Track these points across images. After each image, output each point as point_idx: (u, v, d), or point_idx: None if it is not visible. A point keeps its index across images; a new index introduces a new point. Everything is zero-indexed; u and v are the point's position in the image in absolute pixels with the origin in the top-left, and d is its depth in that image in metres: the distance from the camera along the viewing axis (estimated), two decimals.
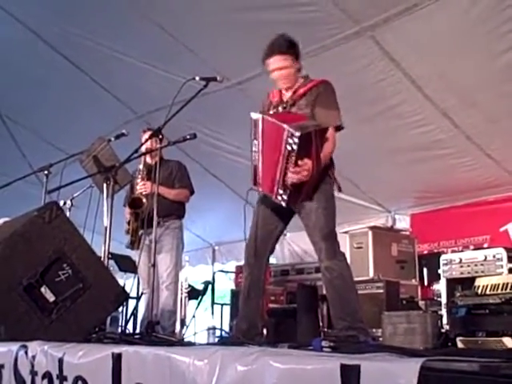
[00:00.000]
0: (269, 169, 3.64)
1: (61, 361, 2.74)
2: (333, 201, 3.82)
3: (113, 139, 5.22)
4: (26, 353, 3.02)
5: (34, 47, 6.91)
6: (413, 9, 4.88)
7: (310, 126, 3.57)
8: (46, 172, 5.56)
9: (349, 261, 5.73)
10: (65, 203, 5.81)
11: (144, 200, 5.23)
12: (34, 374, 2.91)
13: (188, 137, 4.99)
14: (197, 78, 4.31)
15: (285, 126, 3.47)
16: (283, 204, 3.59)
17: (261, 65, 3.99)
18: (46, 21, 6.55)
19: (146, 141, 5.23)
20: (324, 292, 5.53)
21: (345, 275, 3.72)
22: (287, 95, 3.94)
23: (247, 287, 3.87)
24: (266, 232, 3.88)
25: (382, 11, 5.01)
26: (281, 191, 3.58)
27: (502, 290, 3.42)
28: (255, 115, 3.74)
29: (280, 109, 3.89)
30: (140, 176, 5.43)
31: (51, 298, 3.57)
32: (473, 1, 4.69)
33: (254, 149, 3.75)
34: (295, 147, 3.44)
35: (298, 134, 3.41)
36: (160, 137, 4.93)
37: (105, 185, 4.68)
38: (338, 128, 3.80)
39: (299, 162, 3.49)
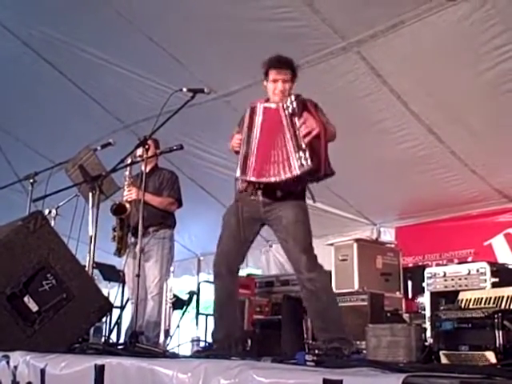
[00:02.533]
0: (270, 150, 3.62)
1: (43, 372, 2.73)
2: (308, 214, 3.81)
3: (99, 148, 5.22)
4: (8, 363, 3.00)
5: (20, 55, 6.88)
6: (399, 25, 4.92)
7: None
8: (31, 180, 5.55)
9: (333, 273, 5.83)
10: (50, 212, 5.78)
11: (128, 206, 5.20)
12: None
13: (175, 147, 5.00)
14: (184, 90, 4.32)
15: (280, 103, 3.65)
16: (308, 163, 3.51)
17: (246, 78, 4.03)
18: (34, 29, 6.53)
19: (133, 150, 5.23)
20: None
21: (328, 287, 3.82)
22: None
23: (221, 299, 3.86)
24: (237, 244, 3.87)
25: (369, 27, 5.06)
26: (300, 155, 3.52)
27: (485, 304, 3.44)
28: (252, 104, 3.79)
29: None
30: (126, 182, 5.41)
31: (34, 307, 3.55)
32: (458, 19, 4.74)
33: (244, 138, 3.73)
34: (294, 106, 3.58)
35: (292, 97, 3.63)
36: (146, 146, 4.95)
37: (90, 194, 4.68)
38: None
39: (303, 119, 3.58)
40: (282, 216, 3.71)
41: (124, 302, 6.69)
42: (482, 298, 3.50)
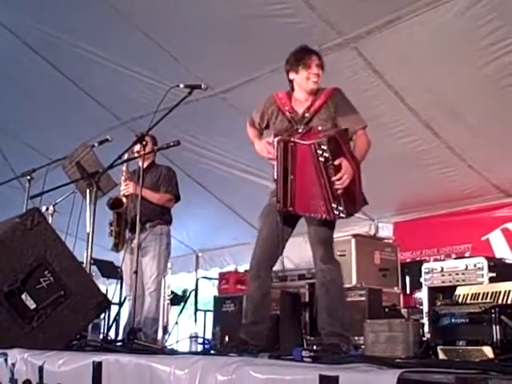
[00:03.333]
0: (307, 189, 3.60)
1: (41, 369, 2.73)
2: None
3: (96, 145, 5.22)
4: (6, 360, 3.00)
5: (18, 53, 6.88)
6: (396, 21, 4.92)
7: (332, 131, 3.64)
8: (28, 177, 5.54)
9: None
10: (47, 209, 5.77)
11: (124, 200, 5.20)
12: (13, 382, 2.90)
13: (172, 144, 5.00)
14: (181, 86, 4.32)
15: (309, 141, 3.49)
16: (343, 213, 3.54)
17: (243, 74, 4.02)
18: (31, 26, 6.52)
19: (131, 146, 5.23)
20: (307, 299, 5.59)
21: (338, 282, 3.83)
22: (303, 106, 3.88)
23: (259, 297, 3.91)
24: (273, 244, 3.89)
25: (365, 23, 5.05)
26: (334, 205, 3.53)
27: (482, 299, 3.45)
28: (284, 139, 3.66)
29: (298, 125, 3.79)
30: (123, 177, 5.40)
31: (32, 305, 3.55)
32: (455, 14, 4.74)
33: (279, 170, 3.67)
34: (327, 154, 3.45)
35: (324, 139, 3.44)
36: (144, 143, 4.95)
37: (88, 191, 4.68)
38: (364, 128, 3.86)
39: (336, 166, 3.49)
40: None
41: (122, 299, 6.69)
42: (479, 293, 3.51)
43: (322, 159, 3.46)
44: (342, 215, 3.55)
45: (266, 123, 4.02)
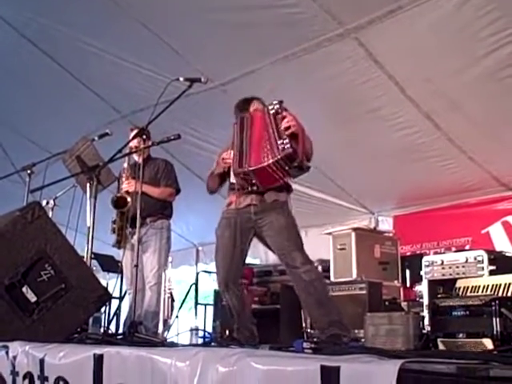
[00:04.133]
0: (259, 143, 3.94)
1: (42, 361, 2.73)
2: (294, 219, 4.14)
3: (96, 139, 5.21)
4: (7, 353, 3.01)
5: (15, 44, 6.85)
6: (397, 11, 4.90)
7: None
8: (28, 171, 5.54)
9: (332, 262, 5.85)
10: (48, 203, 5.78)
11: (128, 199, 5.20)
12: (15, 374, 2.90)
13: (172, 137, 4.99)
14: (181, 79, 4.31)
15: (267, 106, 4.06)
16: (289, 150, 3.82)
17: (243, 66, 4.22)
18: (30, 19, 6.50)
19: (131, 140, 5.22)
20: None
21: (321, 278, 4.10)
22: None
23: (236, 305, 4.14)
24: (234, 258, 4.12)
25: (367, 13, 5.02)
26: (280, 141, 3.85)
27: (482, 291, 3.46)
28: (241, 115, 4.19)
29: None
30: (125, 175, 5.40)
31: (33, 298, 3.56)
32: (456, 4, 4.72)
33: (236, 141, 4.07)
34: (277, 107, 3.94)
35: (275, 101, 3.98)
36: (144, 136, 4.94)
37: (88, 184, 4.67)
38: None
39: (284, 116, 3.93)
40: (273, 221, 4.01)
41: (123, 293, 6.70)
42: (479, 286, 3.52)
43: (272, 111, 3.95)
44: (287, 149, 3.83)
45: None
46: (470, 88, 5.48)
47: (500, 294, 3.31)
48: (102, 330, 5.59)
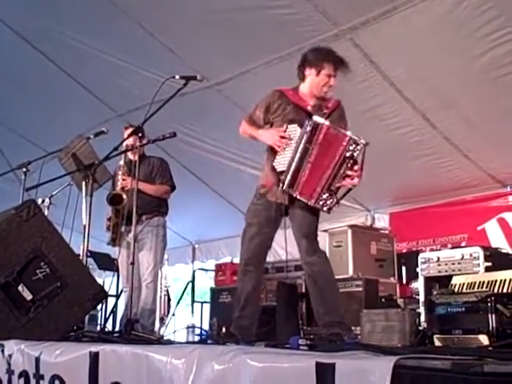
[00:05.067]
0: (317, 174, 3.73)
1: (37, 360, 2.73)
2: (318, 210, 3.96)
3: (92, 137, 5.20)
4: (3, 352, 3.00)
5: (11, 43, 6.84)
6: (392, 12, 4.91)
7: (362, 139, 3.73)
8: (24, 169, 5.52)
9: None
10: (43, 201, 5.77)
11: (124, 196, 5.20)
12: (10, 373, 2.90)
13: (167, 135, 4.98)
14: (177, 77, 4.31)
15: (348, 132, 3.67)
16: (325, 209, 3.72)
17: (238, 66, 4.07)
18: (24, 17, 6.48)
19: (126, 138, 5.21)
20: (303, 290, 5.60)
21: (325, 272, 3.88)
22: (309, 102, 3.98)
23: (250, 291, 3.96)
24: (264, 239, 3.97)
25: (361, 14, 5.04)
26: (325, 195, 3.71)
27: (478, 288, 3.46)
28: (320, 119, 3.78)
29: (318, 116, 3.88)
30: (121, 172, 5.40)
31: (28, 296, 3.55)
32: (451, 4, 4.73)
33: (298, 152, 3.77)
34: (356, 154, 3.66)
35: (363, 141, 3.65)
36: (140, 135, 4.94)
37: (84, 183, 4.66)
38: None
39: (355, 168, 3.68)
40: (296, 204, 3.88)
41: (119, 291, 6.70)
42: (475, 283, 3.52)
43: (347, 154, 3.65)
44: (324, 208, 3.72)
45: (269, 118, 4.04)
46: (466, 87, 5.50)
47: (496, 291, 3.31)
48: (98, 328, 5.59)
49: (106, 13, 5.97)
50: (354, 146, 3.64)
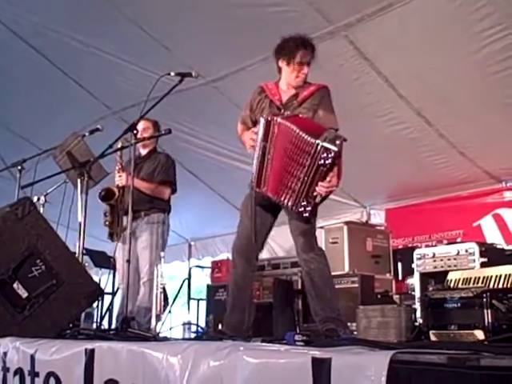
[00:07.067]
0: (282, 176, 3.62)
1: (33, 357, 2.73)
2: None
3: (87, 134, 5.18)
4: None
5: (4, 40, 6.82)
6: (387, 8, 4.91)
7: (340, 138, 3.55)
8: (19, 167, 5.50)
9: None
10: (38, 199, 5.74)
11: (115, 190, 5.17)
12: (5, 370, 2.90)
13: (163, 132, 4.98)
14: (172, 74, 4.30)
15: (318, 141, 3.44)
16: (306, 215, 3.62)
17: (234, 63, 4.01)
18: (20, 16, 6.46)
19: (121, 136, 5.19)
20: (300, 287, 5.61)
21: (322, 269, 3.85)
22: (287, 94, 3.91)
23: (240, 283, 3.93)
24: (257, 230, 3.90)
25: (356, 11, 5.04)
26: (304, 203, 3.59)
27: (473, 283, 3.46)
28: (268, 117, 3.67)
29: (287, 111, 3.83)
30: (116, 168, 5.36)
31: (24, 294, 3.54)
32: (446, 1, 4.73)
33: (259, 150, 3.70)
34: (328, 162, 3.47)
35: (335, 149, 3.44)
36: (135, 132, 4.92)
37: (79, 180, 4.65)
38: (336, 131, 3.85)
39: (328, 177, 3.53)
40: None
41: (116, 288, 6.69)
42: (470, 278, 3.52)
43: (320, 162, 3.47)
44: (304, 214, 3.62)
45: (254, 116, 4.00)
46: (461, 84, 5.51)
47: (491, 286, 3.31)
48: (94, 325, 5.58)
49: (100, 10, 5.95)
50: (325, 153, 3.45)
